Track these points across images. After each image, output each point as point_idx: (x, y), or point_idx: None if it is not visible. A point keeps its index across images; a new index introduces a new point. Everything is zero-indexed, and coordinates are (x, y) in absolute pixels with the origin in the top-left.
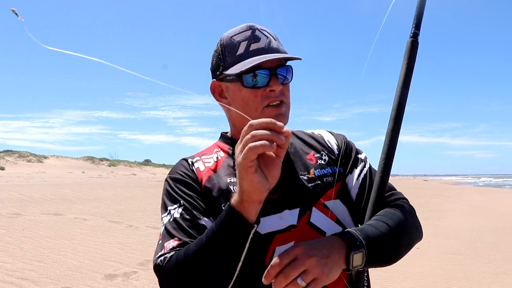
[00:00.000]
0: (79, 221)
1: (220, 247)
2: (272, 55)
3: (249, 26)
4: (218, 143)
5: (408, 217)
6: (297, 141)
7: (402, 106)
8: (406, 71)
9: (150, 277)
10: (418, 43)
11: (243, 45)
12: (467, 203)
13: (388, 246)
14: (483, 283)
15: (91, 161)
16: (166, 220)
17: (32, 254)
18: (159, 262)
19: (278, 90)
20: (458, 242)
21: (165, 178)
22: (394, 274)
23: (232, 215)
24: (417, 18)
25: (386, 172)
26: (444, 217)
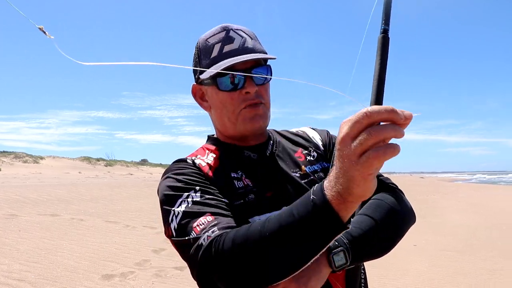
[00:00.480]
0: (75, 221)
1: (303, 239)
2: (242, 56)
3: (223, 27)
4: (205, 145)
5: (396, 202)
6: (283, 140)
7: (380, 100)
8: (380, 67)
9: (147, 277)
10: (389, 38)
11: (216, 48)
12: (463, 200)
13: (375, 240)
14: (480, 280)
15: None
16: (181, 209)
17: (28, 255)
18: (202, 243)
19: (253, 92)
20: (455, 239)
21: (162, 178)
22: (391, 271)
23: (328, 213)
24: (385, 13)
25: None
26: (441, 214)
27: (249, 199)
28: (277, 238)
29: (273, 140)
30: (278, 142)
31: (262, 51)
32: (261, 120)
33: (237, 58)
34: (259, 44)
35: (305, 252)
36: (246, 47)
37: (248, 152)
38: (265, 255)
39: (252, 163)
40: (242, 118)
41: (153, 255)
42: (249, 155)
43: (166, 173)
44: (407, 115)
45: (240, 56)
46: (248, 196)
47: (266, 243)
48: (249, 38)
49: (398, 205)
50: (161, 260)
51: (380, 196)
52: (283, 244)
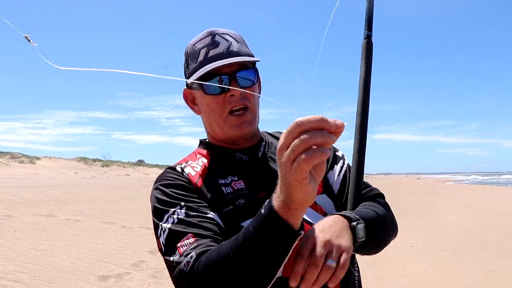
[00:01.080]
0: (71, 222)
1: (261, 252)
2: (225, 60)
3: (209, 32)
4: (197, 150)
5: (387, 211)
6: (275, 141)
7: (366, 102)
8: (365, 70)
9: (143, 278)
10: (372, 43)
11: (202, 52)
12: (460, 201)
13: (378, 229)
14: (476, 280)
15: (84, 162)
16: (168, 225)
17: (24, 256)
18: (184, 266)
19: (237, 95)
20: (451, 240)
21: (153, 187)
22: (388, 272)
23: (277, 222)
24: (368, 20)
25: (361, 164)
26: (438, 215)
27: (239, 204)
28: (239, 255)
29: (265, 141)
30: (270, 143)
31: (247, 54)
32: (248, 126)
33: (219, 62)
34: (245, 47)
35: (266, 264)
36: (231, 50)
37: (240, 155)
38: (231, 274)
39: (244, 165)
40: (229, 125)
41: (149, 256)
42: (241, 157)
43: (156, 182)
44: (339, 124)
45: (223, 60)
46: (237, 201)
47: (231, 262)
48: (235, 42)
49: (389, 212)
50: (158, 261)
51: (369, 204)
52: (245, 259)
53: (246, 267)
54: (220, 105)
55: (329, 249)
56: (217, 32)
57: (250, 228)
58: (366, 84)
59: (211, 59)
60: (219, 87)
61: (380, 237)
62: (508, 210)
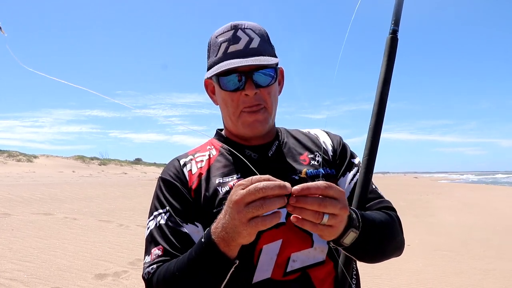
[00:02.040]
0: (69, 220)
1: (199, 276)
2: (241, 60)
3: (233, 25)
4: (212, 140)
5: (397, 225)
6: (292, 140)
7: (383, 101)
8: (386, 67)
9: (140, 276)
10: (398, 39)
11: (223, 47)
12: (457, 200)
13: (377, 240)
14: (474, 279)
15: (82, 160)
16: (152, 225)
17: (21, 255)
18: (145, 274)
19: (252, 95)
20: (449, 239)
21: (160, 175)
22: (385, 271)
23: (215, 253)
24: (396, 15)
25: (370, 168)
26: (435, 214)
27: None
28: (182, 275)
29: (279, 140)
30: (284, 143)
31: (268, 52)
32: (261, 126)
33: (236, 62)
34: (267, 44)
35: (204, 287)
36: (251, 48)
37: (249, 152)
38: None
39: (251, 163)
40: (242, 122)
41: None
42: (250, 154)
43: (161, 174)
44: (295, 191)
45: (240, 59)
46: None
47: (175, 281)
48: (256, 38)
49: (399, 227)
50: None
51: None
52: (186, 280)
53: (187, 287)
54: (235, 102)
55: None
56: (240, 26)
57: (193, 252)
58: (385, 83)
59: (230, 55)
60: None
61: (377, 246)
62: (506, 210)
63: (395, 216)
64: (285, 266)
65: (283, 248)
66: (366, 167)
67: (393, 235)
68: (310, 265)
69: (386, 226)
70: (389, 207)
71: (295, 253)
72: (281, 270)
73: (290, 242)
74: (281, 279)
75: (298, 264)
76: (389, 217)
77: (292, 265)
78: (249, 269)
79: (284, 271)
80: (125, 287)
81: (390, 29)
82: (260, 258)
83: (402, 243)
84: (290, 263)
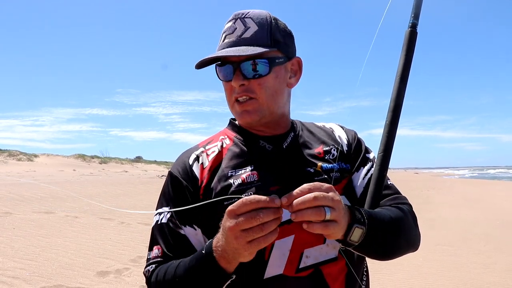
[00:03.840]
0: (70, 218)
1: (197, 284)
2: (222, 51)
3: (235, 14)
4: (226, 130)
5: (410, 220)
6: (307, 133)
7: (400, 97)
8: (404, 62)
9: (142, 274)
10: (417, 33)
11: (222, 36)
12: (458, 195)
13: (387, 235)
14: (474, 274)
15: (82, 158)
16: (155, 220)
17: (23, 253)
18: (145, 272)
19: (237, 86)
20: (449, 234)
21: (171, 168)
22: (386, 266)
23: (214, 266)
24: (416, 7)
25: (384, 164)
26: (436, 209)
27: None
28: (180, 281)
29: (295, 132)
30: (300, 135)
31: (263, 42)
32: (249, 116)
33: (220, 52)
34: (266, 34)
35: None
36: (243, 38)
37: (263, 143)
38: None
39: (265, 154)
40: (235, 112)
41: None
42: (264, 145)
43: (171, 167)
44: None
45: (226, 49)
46: (245, 193)
47: (173, 284)
48: (253, 27)
49: (412, 223)
50: None
51: (402, 207)
52: (183, 286)
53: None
54: (228, 92)
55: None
56: (240, 15)
57: (193, 260)
58: (403, 78)
59: (223, 45)
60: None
61: (387, 243)
62: (506, 204)
63: (409, 210)
64: (298, 262)
65: (296, 244)
66: (381, 163)
67: (405, 230)
68: (322, 262)
69: (397, 221)
70: (403, 203)
71: (308, 249)
72: (294, 266)
73: (303, 238)
74: (294, 275)
75: (311, 261)
76: (401, 212)
77: (305, 261)
78: (260, 265)
79: (297, 267)
80: (127, 284)
81: (409, 22)
82: (272, 253)
83: (416, 238)
84: (303, 259)
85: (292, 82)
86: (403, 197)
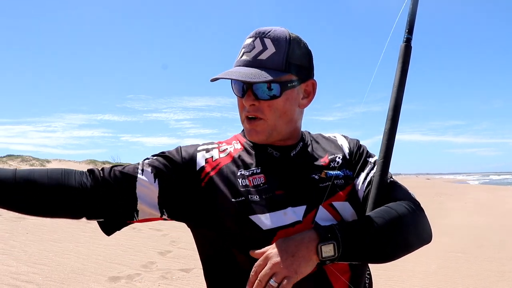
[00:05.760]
0: (82, 224)
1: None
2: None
3: (257, 32)
4: (238, 135)
5: (409, 215)
6: (315, 144)
7: (398, 106)
8: (401, 74)
9: (153, 279)
10: (411, 47)
11: (241, 53)
12: (470, 201)
13: (371, 240)
14: (488, 282)
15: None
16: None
17: (36, 257)
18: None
19: (247, 105)
20: (462, 241)
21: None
22: (398, 273)
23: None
24: (410, 23)
25: (385, 170)
26: (448, 215)
27: (251, 198)
28: None
29: (304, 142)
30: (308, 145)
31: (277, 66)
32: (257, 136)
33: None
34: (281, 57)
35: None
36: (259, 59)
37: (271, 150)
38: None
39: (273, 160)
40: (244, 127)
41: (159, 257)
42: (272, 152)
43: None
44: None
45: (237, 68)
46: (251, 195)
47: None
48: (271, 49)
49: (411, 218)
50: (167, 262)
51: (394, 205)
52: None
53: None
54: (240, 107)
55: (275, 271)
56: (261, 34)
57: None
58: (400, 89)
59: (239, 62)
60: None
61: (377, 248)
62: None
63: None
64: None
65: None
66: (382, 169)
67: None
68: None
69: (387, 226)
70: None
71: None
72: None
73: None
74: None
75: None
76: (392, 210)
77: None
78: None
79: None
80: None
81: (404, 37)
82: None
83: (421, 231)
84: None
85: (304, 103)
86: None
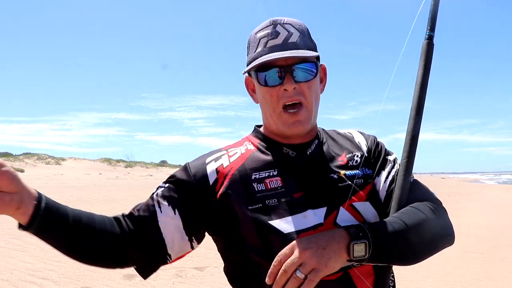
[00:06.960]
0: None
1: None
2: (280, 53)
3: (272, 21)
4: (249, 136)
5: (434, 215)
6: (330, 141)
7: (421, 106)
8: (423, 72)
9: (168, 277)
10: (433, 44)
11: (262, 42)
12: (487, 200)
13: (401, 243)
14: (506, 283)
15: (108, 162)
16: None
17: (52, 254)
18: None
19: (291, 90)
20: (479, 241)
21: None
22: (414, 273)
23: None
24: (431, 20)
25: (408, 170)
26: (464, 215)
27: (269, 203)
28: None
29: (319, 139)
30: (323, 143)
31: (308, 46)
32: (301, 126)
33: (274, 55)
34: (307, 39)
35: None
36: (290, 42)
37: (287, 149)
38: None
39: (289, 160)
40: (282, 122)
41: None
42: (287, 152)
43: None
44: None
45: (278, 52)
46: (268, 200)
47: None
48: (296, 33)
49: (436, 219)
50: (181, 261)
51: (419, 205)
52: None
53: None
54: (274, 98)
55: (303, 261)
56: (279, 22)
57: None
58: (422, 87)
59: (268, 49)
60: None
61: (405, 249)
62: None
63: (429, 205)
64: None
65: None
66: (405, 169)
67: (424, 233)
68: (350, 265)
69: (413, 227)
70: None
71: None
72: None
73: None
74: (324, 278)
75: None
76: (420, 213)
77: None
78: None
79: None
80: (152, 287)
81: (426, 35)
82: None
83: (444, 231)
84: None
85: (322, 88)
86: (430, 194)
